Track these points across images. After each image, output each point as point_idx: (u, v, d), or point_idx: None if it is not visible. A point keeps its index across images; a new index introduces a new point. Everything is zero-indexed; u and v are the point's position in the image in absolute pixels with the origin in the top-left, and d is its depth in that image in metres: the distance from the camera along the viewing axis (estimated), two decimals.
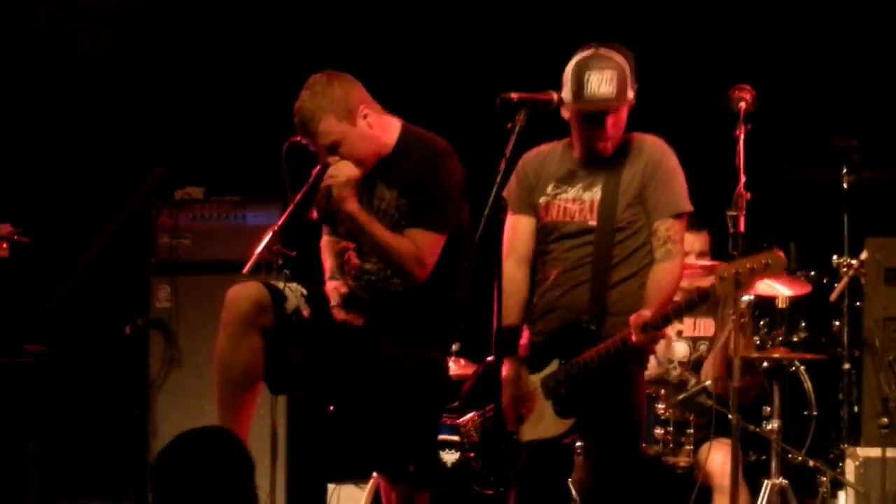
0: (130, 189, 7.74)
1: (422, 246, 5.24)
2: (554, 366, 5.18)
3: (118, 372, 7.74)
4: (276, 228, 6.39)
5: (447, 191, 5.31)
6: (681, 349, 6.63)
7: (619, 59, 5.14)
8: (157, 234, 7.82)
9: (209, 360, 5.53)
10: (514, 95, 4.88)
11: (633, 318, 4.99)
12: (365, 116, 5.32)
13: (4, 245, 7.39)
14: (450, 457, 6.57)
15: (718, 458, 6.04)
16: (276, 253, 6.65)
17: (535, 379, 5.22)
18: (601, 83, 5.12)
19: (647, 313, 4.98)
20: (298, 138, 5.55)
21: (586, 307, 5.15)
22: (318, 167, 5.37)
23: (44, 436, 7.36)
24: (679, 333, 6.66)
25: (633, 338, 4.97)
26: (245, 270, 6.47)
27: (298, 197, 5.40)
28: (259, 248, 6.38)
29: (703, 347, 6.65)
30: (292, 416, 7.59)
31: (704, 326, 6.69)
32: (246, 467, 3.90)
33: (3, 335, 7.36)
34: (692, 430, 6.18)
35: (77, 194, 8.35)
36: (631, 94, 5.16)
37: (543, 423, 5.19)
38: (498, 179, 4.75)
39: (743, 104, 5.34)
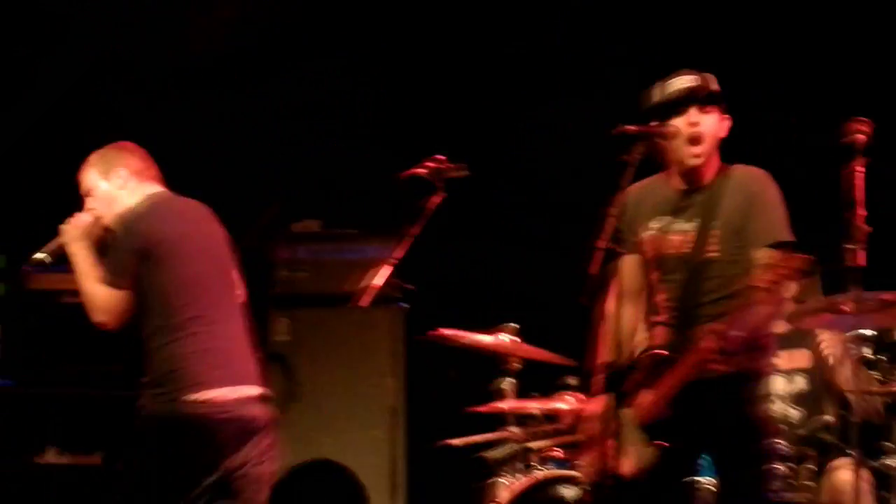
0: (247, 224, 7.82)
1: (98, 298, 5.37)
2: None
3: None
4: (394, 261, 6.48)
5: (119, 247, 5.37)
6: (779, 383, 6.55)
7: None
8: (275, 266, 7.88)
9: (328, 393, 5.60)
10: (631, 128, 4.90)
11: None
12: (120, 178, 5.45)
13: None
14: (568, 492, 6.58)
15: (847, 475, 5.97)
16: (394, 286, 6.74)
17: (628, 412, 5.15)
18: (682, 80, 5.16)
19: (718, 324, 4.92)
20: (414, 171, 5.60)
21: (667, 343, 5.12)
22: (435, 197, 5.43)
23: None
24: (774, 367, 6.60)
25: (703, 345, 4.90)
26: (364, 303, 6.57)
27: (417, 230, 5.46)
28: (377, 281, 6.47)
29: (800, 380, 6.57)
30: (412, 448, 7.58)
31: (799, 358, 6.62)
32: (358, 501, 3.92)
33: (126, 369, 7.45)
34: (812, 466, 6.13)
35: None
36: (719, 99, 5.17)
37: (638, 455, 5.13)
38: (615, 213, 4.77)
39: (862, 137, 5.30)
